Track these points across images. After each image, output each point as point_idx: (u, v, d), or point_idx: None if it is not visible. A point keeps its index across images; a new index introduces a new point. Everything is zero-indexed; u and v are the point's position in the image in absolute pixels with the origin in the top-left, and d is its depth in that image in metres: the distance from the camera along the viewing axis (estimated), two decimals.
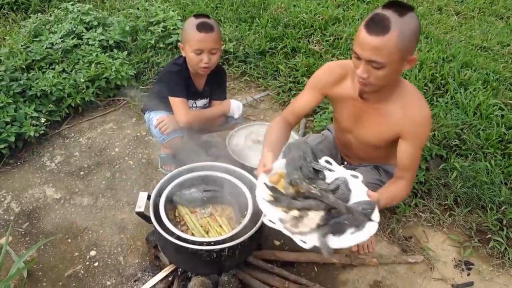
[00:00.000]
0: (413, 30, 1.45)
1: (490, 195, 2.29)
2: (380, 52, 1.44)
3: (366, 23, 1.45)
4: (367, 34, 1.43)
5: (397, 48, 1.43)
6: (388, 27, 1.41)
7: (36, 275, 1.94)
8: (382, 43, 1.42)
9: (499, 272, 2.04)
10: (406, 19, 1.42)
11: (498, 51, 3.58)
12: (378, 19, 1.42)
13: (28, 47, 3.04)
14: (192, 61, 2.08)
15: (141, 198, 1.74)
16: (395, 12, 1.42)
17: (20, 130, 2.47)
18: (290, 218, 1.38)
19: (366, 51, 1.46)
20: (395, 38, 1.41)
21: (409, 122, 1.64)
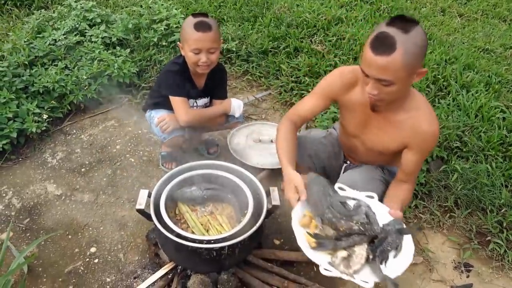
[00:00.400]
0: (419, 45, 1.43)
1: (490, 198, 2.29)
2: (387, 71, 1.44)
3: (371, 42, 1.45)
4: (372, 54, 1.44)
5: (404, 65, 1.43)
6: (393, 46, 1.40)
7: (37, 271, 1.95)
8: (388, 63, 1.42)
9: (499, 274, 2.05)
10: (411, 36, 1.40)
11: (500, 53, 3.57)
12: (383, 38, 1.41)
13: (31, 43, 3.05)
14: (191, 60, 2.08)
15: (141, 195, 1.75)
16: (399, 29, 1.40)
17: (22, 126, 2.47)
18: (340, 260, 1.40)
19: (373, 71, 1.47)
20: (401, 56, 1.40)
21: (417, 135, 1.65)
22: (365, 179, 1.81)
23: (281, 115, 2.95)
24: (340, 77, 1.76)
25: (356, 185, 1.76)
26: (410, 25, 1.41)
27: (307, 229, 1.53)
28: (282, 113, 2.96)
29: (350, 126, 1.88)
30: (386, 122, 1.71)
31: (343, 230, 1.45)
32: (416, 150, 1.69)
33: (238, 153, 2.51)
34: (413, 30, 1.41)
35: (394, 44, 1.40)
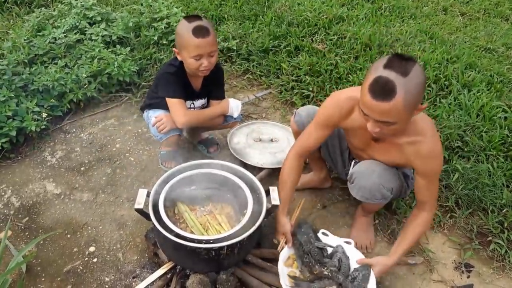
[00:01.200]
0: (419, 86, 1.42)
1: (491, 198, 2.28)
2: (388, 115, 1.45)
3: (370, 87, 1.43)
4: (372, 99, 1.43)
5: (405, 108, 1.42)
6: (394, 91, 1.39)
7: (35, 270, 1.94)
8: (389, 108, 1.42)
9: (499, 274, 2.03)
10: (411, 77, 1.39)
11: (502, 52, 3.55)
12: (382, 84, 1.40)
13: (31, 42, 3.04)
14: (192, 67, 2.05)
15: (140, 194, 1.74)
16: (398, 73, 1.38)
17: (22, 125, 2.46)
18: None
19: (374, 114, 1.47)
20: (402, 101, 1.40)
21: (419, 160, 1.67)
22: (383, 170, 1.81)
23: (282, 114, 2.94)
24: (338, 107, 1.77)
25: (373, 175, 1.79)
26: (408, 66, 1.40)
27: (290, 269, 1.82)
28: (283, 112, 2.95)
29: (354, 143, 1.92)
30: (388, 145, 1.74)
31: (316, 274, 1.73)
32: (422, 174, 1.72)
33: (238, 152, 2.50)
34: (411, 72, 1.39)
35: (394, 90, 1.39)
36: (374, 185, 1.79)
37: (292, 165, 1.93)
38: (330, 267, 1.76)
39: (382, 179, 1.79)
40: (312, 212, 2.28)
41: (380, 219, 2.23)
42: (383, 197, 1.84)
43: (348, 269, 1.81)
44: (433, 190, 1.76)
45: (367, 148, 1.86)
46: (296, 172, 1.94)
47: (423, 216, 1.79)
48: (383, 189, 1.81)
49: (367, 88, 1.44)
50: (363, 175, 1.81)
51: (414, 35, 3.63)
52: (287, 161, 1.94)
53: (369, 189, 1.81)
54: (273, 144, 2.56)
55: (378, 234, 2.18)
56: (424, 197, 1.76)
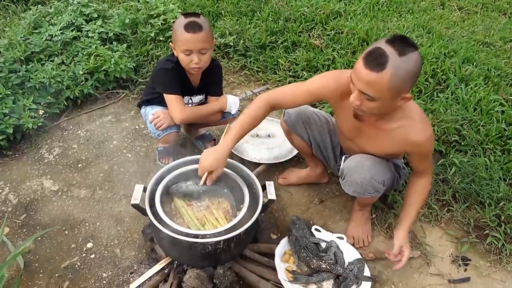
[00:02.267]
0: (410, 72, 1.43)
1: (488, 191, 2.28)
2: (372, 87, 1.46)
3: (365, 54, 1.45)
4: (363, 66, 1.45)
5: (389, 87, 1.43)
6: (383, 65, 1.40)
7: (33, 267, 1.95)
8: (374, 79, 1.43)
9: (496, 268, 2.03)
10: (405, 59, 1.40)
11: (500, 46, 3.55)
12: (377, 55, 1.41)
13: (28, 39, 3.03)
14: (183, 62, 2.06)
15: (136, 190, 1.74)
16: (395, 50, 1.39)
17: (19, 122, 2.46)
18: None
19: (359, 83, 1.48)
20: (388, 77, 1.41)
21: (412, 145, 1.68)
22: (373, 164, 1.81)
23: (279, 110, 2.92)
24: (336, 82, 1.73)
25: (363, 169, 1.79)
26: (407, 49, 1.40)
27: (287, 264, 1.85)
28: None
29: (344, 130, 1.91)
30: (377, 130, 1.73)
31: (314, 268, 1.76)
32: (415, 155, 1.77)
33: (235, 148, 2.49)
34: (408, 55, 1.40)
35: (385, 64, 1.40)
36: (365, 179, 1.79)
37: (258, 112, 1.79)
38: (327, 261, 1.78)
39: (373, 172, 1.79)
40: (310, 207, 2.29)
41: (377, 213, 2.24)
42: (376, 190, 1.84)
43: (343, 262, 1.83)
44: (428, 160, 1.80)
45: (356, 137, 1.85)
46: (258, 120, 1.82)
47: (423, 181, 1.83)
48: (375, 182, 1.81)
49: (362, 55, 1.47)
50: (354, 170, 1.81)
51: (412, 30, 3.63)
52: (254, 105, 1.80)
53: (360, 183, 1.81)
54: (270, 139, 2.56)
55: (375, 228, 2.18)
56: (421, 167, 1.82)
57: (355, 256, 1.92)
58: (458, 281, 1.98)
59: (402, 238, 1.80)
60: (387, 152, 1.80)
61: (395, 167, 1.97)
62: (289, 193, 2.36)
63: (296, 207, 2.29)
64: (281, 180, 2.40)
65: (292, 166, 2.49)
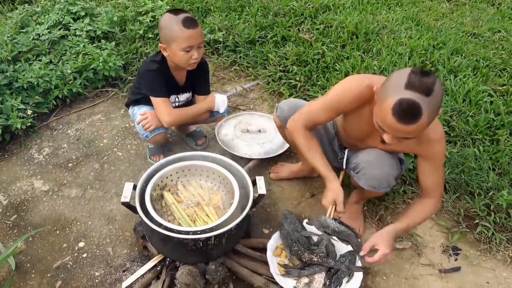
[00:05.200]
0: (440, 101, 1.40)
1: (478, 181, 2.30)
2: (412, 134, 1.44)
3: (394, 110, 1.38)
4: (397, 122, 1.39)
5: (428, 124, 1.42)
6: (419, 114, 1.36)
7: (25, 267, 1.94)
8: (413, 129, 1.40)
9: (486, 256, 2.06)
10: (434, 95, 1.35)
11: (488, 37, 3.57)
12: (407, 108, 1.36)
13: (15, 39, 3.00)
14: (182, 59, 2.02)
15: (126, 188, 1.73)
16: (422, 93, 1.34)
17: (7, 123, 2.44)
18: (303, 285, 1.73)
19: (397, 134, 1.45)
20: (427, 119, 1.38)
21: (422, 143, 1.64)
22: (388, 159, 1.81)
23: (269, 104, 2.94)
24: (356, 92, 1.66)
25: (382, 164, 1.79)
26: (430, 84, 1.35)
27: (279, 258, 1.85)
28: (270, 103, 2.94)
29: (353, 133, 1.90)
30: None
31: (306, 261, 1.76)
32: (425, 159, 1.69)
33: (226, 144, 2.50)
34: (434, 90, 1.35)
35: (420, 112, 1.35)
36: (383, 174, 1.80)
37: (306, 133, 1.83)
38: (319, 254, 1.78)
39: (390, 167, 1.80)
40: (301, 201, 2.30)
41: (369, 206, 2.25)
42: (389, 185, 1.85)
43: (335, 255, 1.84)
44: (438, 176, 1.72)
45: (367, 139, 1.84)
46: (315, 139, 1.86)
47: (427, 201, 1.76)
48: (390, 178, 1.82)
49: (390, 110, 1.39)
50: (372, 165, 1.81)
51: (401, 22, 3.64)
52: (298, 131, 1.82)
53: (378, 178, 1.81)
54: (260, 134, 2.56)
55: (367, 220, 2.20)
56: (429, 184, 1.74)
57: (347, 248, 1.92)
58: (449, 271, 2.00)
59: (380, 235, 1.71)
60: (397, 150, 1.81)
61: (400, 162, 1.96)
62: (280, 188, 2.36)
63: (287, 201, 2.30)
64: (272, 175, 2.40)
65: (283, 160, 2.49)
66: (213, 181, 1.97)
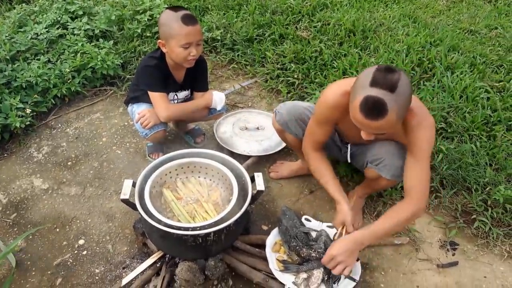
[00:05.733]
0: (407, 95, 1.44)
1: (475, 177, 2.31)
2: (382, 129, 1.48)
3: (361, 107, 1.43)
4: (364, 118, 1.44)
5: (398, 119, 1.46)
6: (385, 111, 1.40)
7: (25, 265, 1.95)
8: (382, 124, 1.44)
9: (484, 251, 2.07)
10: (399, 92, 1.40)
11: (485, 34, 3.58)
12: (372, 103, 1.40)
13: (13, 38, 3.01)
14: (180, 56, 2.03)
15: (126, 185, 1.74)
16: (386, 90, 1.39)
17: (6, 122, 2.45)
18: (301, 280, 1.74)
19: (368, 129, 1.51)
20: (394, 115, 1.42)
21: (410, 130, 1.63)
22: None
23: (268, 102, 2.95)
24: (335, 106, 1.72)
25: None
26: (394, 80, 1.39)
27: (278, 254, 1.86)
28: (269, 100, 2.96)
29: (348, 135, 1.96)
30: None
31: (304, 256, 1.78)
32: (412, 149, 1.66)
33: (225, 142, 2.51)
34: (398, 86, 1.39)
35: (386, 109, 1.40)
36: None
37: (317, 157, 1.93)
38: (317, 249, 1.80)
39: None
40: (300, 198, 2.31)
41: (367, 202, 2.26)
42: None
43: None
44: (423, 173, 1.65)
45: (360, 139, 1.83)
46: (325, 160, 1.94)
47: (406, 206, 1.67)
48: None
49: (357, 107, 1.44)
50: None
51: (398, 20, 3.65)
52: (310, 157, 1.93)
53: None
54: (259, 132, 2.57)
55: (365, 216, 2.21)
56: (412, 182, 1.67)
57: None
58: (447, 266, 2.01)
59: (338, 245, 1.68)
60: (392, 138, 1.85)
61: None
62: (279, 185, 2.38)
63: (286, 198, 2.31)
64: (273, 174, 2.41)
65: (282, 158, 2.50)
66: (212, 178, 1.98)
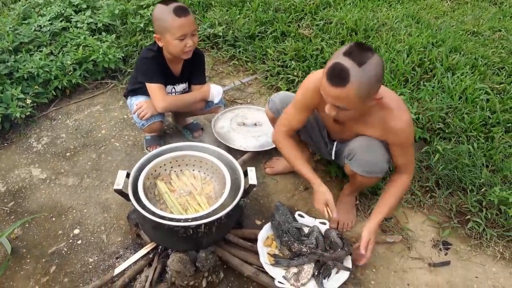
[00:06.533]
0: (373, 76, 1.48)
1: (471, 177, 2.31)
2: (341, 101, 1.53)
3: (327, 71, 1.50)
4: (328, 83, 1.50)
5: (357, 96, 1.49)
6: (347, 79, 1.45)
7: (21, 252, 1.98)
8: (342, 94, 1.49)
9: (476, 252, 2.07)
10: (366, 68, 1.45)
11: (488, 36, 3.57)
12: (338, 71, 1.47)
13: (17, 30, 3.04)
14: (177, 48, 2.05)
15: (120, 176, 1.76)
16: (354, 61, 1.44)
17: (6, 112, 2.48)
18: (292, 275, 1.76)
19: (329, 98, 1.55)
20: (354, 89, 1.47)
21: (391, 132, 1.72)
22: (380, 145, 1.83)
23: (267, 99, 2.94)
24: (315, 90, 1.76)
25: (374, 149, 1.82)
26: (365, 56, 1.45)
27: (269, 248, 1.88)
28: (268, 97, 2.95)
29: (329, 125, 1.97)
30: (360, 125, 1.79)
31: (295, 251, 1.79)
32: (397, 145, 1.78)
33: (222, 137, 2.53)
34: (367, 62, 1.44)
35: (348, 78, 1.45)
36: (375, 159, 1.83)
37: (289, 143, 1.96)
38: (308, 245, 1.81)
39: (382, 152, 1.83)
40: (294, 194, 2.32)
41: (362, 199, 2.27)
42: (382, 170, 1.87)
43: (324, 246, 1.86)
44: (409, 155, 1.83)
45: (342, 130, 1.91)
46: (296, 146, 1.98)
47: (401, 179, 1.87)
48: (382, 163, 1.84)
49: (325, 72, 1.52)
50: (365, 150, 1.84)
51: (401, 20, 3.64)
52: (282, 144, 1.97)
53: (371, 163, 1.84)
54: (256, 128, 2.59)
55: (359, 214, 2.21)
56: (401, 162, 1.85)
57: None
58: (439, 265, 2.01)
59: (369, 231, 1.82)
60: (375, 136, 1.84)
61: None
62: (274, 180, 2.39)
63: (281, 193, 2.32)
64: (268, 170, 2.42)
65: (278, 154, 2.51)
66: (206, 171, 1.99)
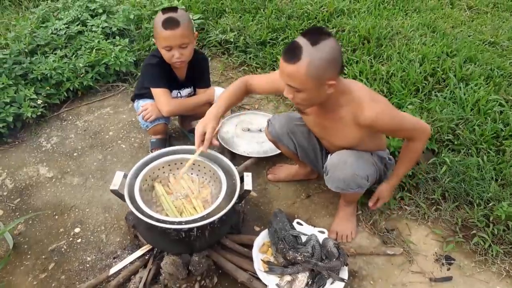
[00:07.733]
0: (326, 59, 1.48)
1: (478, 191, 2.23)
2: (293, 79, 1.53)
3: (284, 49, 1.54)
4: (282, 60, 1.53)
5: (308, 76, 1.49)
6: (298, 56, 1.47)
7: (22, 248, 2.03)
8: (293, 71, 1.50)
9: (481, 268, 2.00)
10: (319, 48, 1.47)
11: (507, 47, 3.47)
12: (292, 47, 1.50)
13: (35, 33, 3.14)
14: (165, 57, 2.13)
15: (117, 176, 1.79)
16: (308, 41, 1.47)
17: (19, 111, 2.56)
18: (285, 283, 1.74)
19: (283, 76, 1.56)
20: (305, 67, 1.48)
21: (366, 125, 1.68)
22: (356, 159, 1.82)
23: (275, 105, 2.96)
24: None
25: (346, 165, 1.79)
26: (321, 38, 1.47)
27: (264, 255, 1.86)
28: (276, 104, 2.96)
29: (311, 127, 1.96)
30: (332, 121, 1.76)
31: (290, 259, 1.76)
32: (382, 130, 1.81)
33: (226, 142, 2.53)
34: (321, 43, 1.46)
35: (300, 54, 1.47)
36: (348, 175, 1.80)
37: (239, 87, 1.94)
38: (303, 253, 1.78)
39: (355, 168, 1.79)
40: (296, 202, 2.30)
41: (363, 209, 2.23)
42: (359, 186, 1.85)
43: (320, 256, 1.83)
44: (405, 130, 1.80)
45: (321, 132, 1.90)
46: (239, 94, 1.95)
47: (412, 144, 1.85)
48: (358, 178, 1.81)
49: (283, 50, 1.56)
50: (336, 167, 1.82)
51: (416, 28, 3.58)
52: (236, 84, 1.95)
53: (343, 180, 1.82)
54: (261, 134, 2.57)
55: (360, 224, 2.17)
56: (402, 136, 1.93)
57: None
58: (440, 280, 1.95)
59: (381, 189, 2.01)
60: (356, 140, 1.79)
61: (380, 159, 1.96)
62: (276, 187, 2.38)
63: (282, 201, 2.30)
64: (270, 176, 2.41)
65: (282, 161, 2.50)
66: (204, 175, 2.00)
